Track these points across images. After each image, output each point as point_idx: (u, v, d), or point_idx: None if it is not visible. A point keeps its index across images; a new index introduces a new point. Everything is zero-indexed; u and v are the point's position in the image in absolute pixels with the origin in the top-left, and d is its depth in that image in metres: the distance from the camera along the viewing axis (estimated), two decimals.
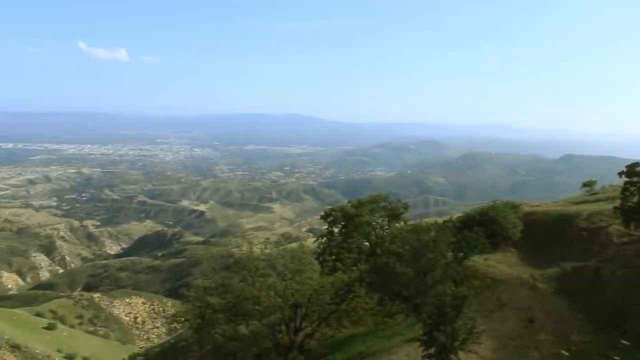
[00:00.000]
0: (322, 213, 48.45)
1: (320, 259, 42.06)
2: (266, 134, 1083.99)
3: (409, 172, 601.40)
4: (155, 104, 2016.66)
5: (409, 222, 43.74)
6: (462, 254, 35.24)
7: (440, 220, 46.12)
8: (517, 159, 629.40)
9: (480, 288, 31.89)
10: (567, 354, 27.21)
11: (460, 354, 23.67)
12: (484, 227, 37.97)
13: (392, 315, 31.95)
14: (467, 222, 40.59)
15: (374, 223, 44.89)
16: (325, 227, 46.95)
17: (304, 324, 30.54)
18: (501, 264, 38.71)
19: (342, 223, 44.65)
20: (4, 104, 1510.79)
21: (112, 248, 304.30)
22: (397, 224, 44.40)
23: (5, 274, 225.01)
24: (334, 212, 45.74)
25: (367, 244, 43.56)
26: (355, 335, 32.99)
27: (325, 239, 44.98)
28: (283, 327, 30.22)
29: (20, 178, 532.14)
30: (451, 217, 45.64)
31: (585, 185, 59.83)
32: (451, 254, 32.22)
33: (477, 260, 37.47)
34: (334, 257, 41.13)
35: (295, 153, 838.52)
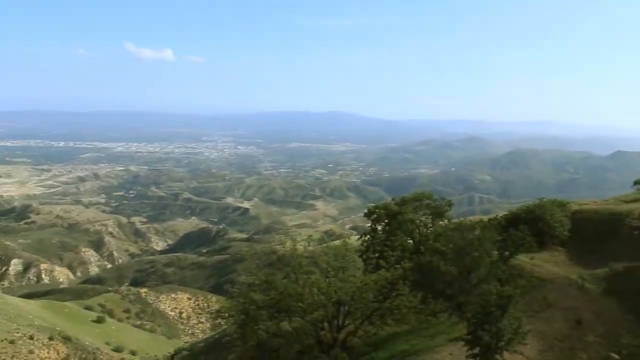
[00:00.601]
0: (366, 211, 48.28)
1: (364, 256, 41.97)
2: (309, 131, 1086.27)
3: (453, 169, 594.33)
4: (200, 102, 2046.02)
5: (453, 220, 43.19)
6: (507, 252, 34.67)
7: (485, 218, 45.52)
8: (564, 156, 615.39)
9: (526, 287, 31.28)
10: (616, 356, 26.50)
11: (506, 354, 23.27)
12: (530, 226, 37.30)
13: (435, 314, 31.67)
14: (513, 221, 39.94)
15: (418, 221, 44.52)
16: (369, 224, 46.79)
17: (346, 322, 30.51)
18: (548, 263, 37.93)
19: (386, 221, 44.44)
20: (56, 104, 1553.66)
21: (158, 244, 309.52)
22: (441, 222, 43.91)
23: (57, 268, 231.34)
24: (377, 210, 45.55)
25: (411, 242, 43.26)
26: (398, 334, 32.80)
27: (368, 236, 44.85)
28: (326, 325, 30.23)
29: (71, 175, 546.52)
30: (496, 215, 44.97)
31: (636, 183, 58.03)
32: (496, 252, 31.77)
33: (523, 259, 36.82)
34: (377, 255, 40.97)
35: (339, 151, 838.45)
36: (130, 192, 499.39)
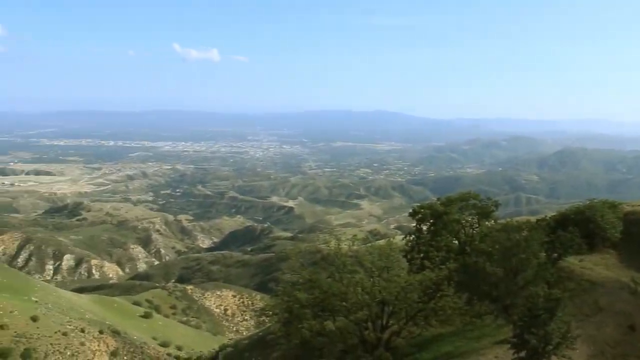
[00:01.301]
0: (411, 210, 47.94)
1: (408, 256, 41.68)
2: (354, 130, 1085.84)
3: (499, 169, 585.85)
4: (246, 102, 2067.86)
5: (499, 221, 42.51)
6: (556, 254, 33.90)
7: (532, 219, 44.63)
8: (616, 156, 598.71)
9: (575, 291, 30.49)
10: None
11: (553, 358, 22.79)
12: (579, 227, 36.34)
13: (480, 316, 31.21)
14: (562, 222, 39.00)
15: (463, 221, 43.99)
16: (414, 224, 46.48)
17: (390, 322, 30.36)
18: (598, 266, 36.92)
19: (431, 221, 44.06)
20: (107, 105, 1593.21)
21: (204, 242, 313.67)
22: (487, 223, 43.27)
23: (107, 264, 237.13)
24: (422, 210, 45.18)
25: (456, 242, 42.78)
26: (443, 335, 32.49)
27: (413, 236, 44.54)
28: (370, 324, 30.15)
29: (120, 174, 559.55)
30: (544, 216, 44.02)
31: None
32: (544, 254, 31.11)
33: (572, 262, 35.92)
34: (422, 255, 40.66)
35: (384, 150, 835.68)
36: (177, 190, 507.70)
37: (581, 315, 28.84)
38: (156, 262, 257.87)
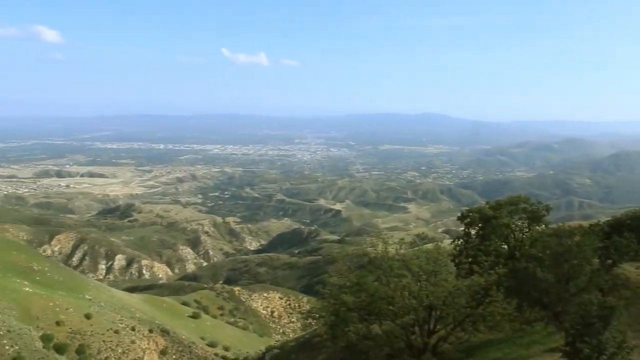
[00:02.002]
0: (459, 214, 47.35)
1: (456, 261, 41.13)
2: (402, 133, 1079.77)
3: (551, 172, 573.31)
4: (293, 105, 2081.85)
5: (550, 226, 41.55)
6: (610, 261, 32.90)
7: (585, 224, 43.48)
8: None
9: (631, 299, 29.52)
10: None
11: None
12: (636, 233, 35.23)
13: (530, 323, 30.57)
14: (617, 227, 37.85)
15: (513, 226, 43.18)
16: (462, 228, 45.88)
17: (438, 327, 29.97)
18: None
19: (479, 225, 43.41)
20: (157, 109, 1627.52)
21: (252, 244, 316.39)
22: (537, 227, 42.35)
23: (157, 264, 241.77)
24: (471, 214, 44.55)
25: (505, 247, 42.02)
26: (492, 341, 31.93)
27: (461, 240, 43.97)
28: (416, 329, 29.83)
29: (170, 176, 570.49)
30: (598, 221, 42.83)
31: None
32: (598, 260, 30.26)
33: (628, 269, 34.79)
34: (470, 259, 40.06)
35: (431, 153, 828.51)
36: (226, 192, 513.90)
37: (638, 325, 27.90)
38: (204, 264, 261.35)
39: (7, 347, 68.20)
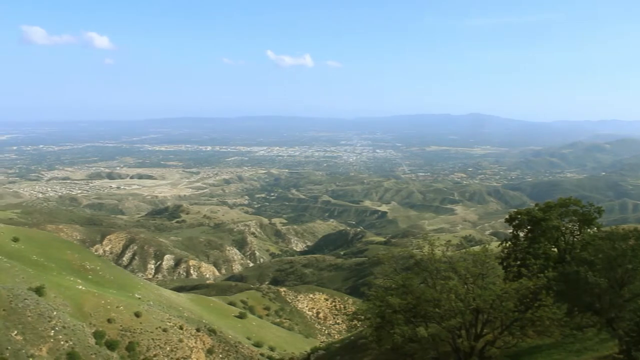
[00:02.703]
0: (507, 216, 46.50)
1: (504, 263, 40.44)
2: (448, 134, 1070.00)
3: (603, 173, 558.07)
4: (339, 106, 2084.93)
5: (602, 229, 40.44)
6: None
7: None
8: None
9: None
10: None
11: None
12: None
13: (582, 329, 29.78)
14: None
15: (563, 228, 42.18)
16: (510, 230, 45.07)
17: (485, 330, 29.51)
18: None
19: (528, 227, 42.58)
20: (203, 112, 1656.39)
21: (298, 245, 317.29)
22: (589, 230, 41.29)
23: (204, 264, 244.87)
24: (519, 216, 43.72)
25: (555, 250, 41.09)
26: (540, 347, 31.25)
27: (509, 243, 43.21)
28: (463, 332, 29.44)
29: (217, 178, 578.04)
30: None
31: None
32: None
33: None
34: (518, 262, 39.33)
35: (479, 154, 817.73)
36: (272, 194, 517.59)
37: None
38: (251, 264, 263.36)
39: (62, 342, 70.50)
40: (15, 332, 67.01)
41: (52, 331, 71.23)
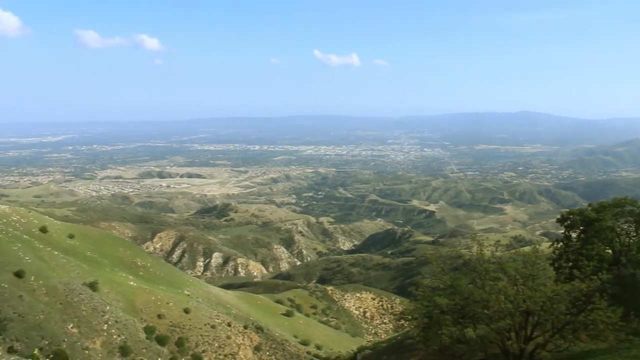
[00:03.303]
0: (558, 216, 45.43)
1: (556, 265, 39.48)
2: (498, 132, 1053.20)
3: None
4: (386, 105, 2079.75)
5: None
6: None
7: None
8: None
9: None
10: None
11: None
12: None
13: (638, 333, 28.86)
14: None
15: (618, 229, 40.92)
16: (562, 231, 44.00)
17: (535, 333, 28.87)
18: None
19: (581, 227, 41.46)
20: (250, 111, 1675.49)
21: (345, 244, 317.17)
22: None
23: (252, 262, 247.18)
24: (571, 216, 42.61)
25: (610, 251, 39.90)
26: (594, 351, 30.34)
27: (561, 244, 42.18)
28: (512, 334, 28.89)
29: (265, 177, 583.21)
30: None
31: None
32: None
33: None
34: (570, 264, 38.36)
35: (529, 153, 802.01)
36: (319, 193, 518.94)
37: None
38: (298, 263, 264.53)
39: (114, 336, 72.43)
40: (71, 325, 69.08)
41: (105, 325, 73.18)
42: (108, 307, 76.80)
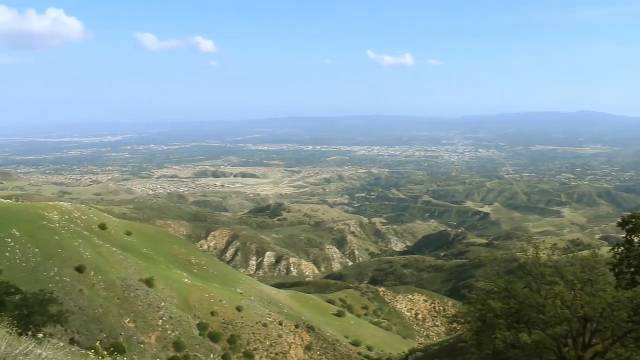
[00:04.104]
0: (620, 220, 43.90)
1: (616, 270, 38.16)
2: (555, 133, 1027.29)
3: None
4: (440, 105, 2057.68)
5: None
6: None
7: None
8: None
9: None
10: None
11: None
12: None
13: None
14: None
15: None
16: (623, 235, 42.52)
17: (594, 340, 27.92)
18: None
19: None
20: (304, 112, 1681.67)
21: (397, 245, 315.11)
22: None
23: (304, 262, 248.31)
24: (634, 219, 41.14)
25: None
26: None
27: (622, 248, 40.75)
28: (570, 341, 28.01)
29: (318, 177, 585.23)
30: None
31: None
32: None
33: None
34: (633, 269, 37.02)
35: (588, 154, 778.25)
36: (372, 193, 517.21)
37: None
38: (350, 263, 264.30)
39: (169, 332, 74.07)
40: (128, 319, 70.94)
41: (161, 321, 74.86)
42: (163, 304, 78.49)
